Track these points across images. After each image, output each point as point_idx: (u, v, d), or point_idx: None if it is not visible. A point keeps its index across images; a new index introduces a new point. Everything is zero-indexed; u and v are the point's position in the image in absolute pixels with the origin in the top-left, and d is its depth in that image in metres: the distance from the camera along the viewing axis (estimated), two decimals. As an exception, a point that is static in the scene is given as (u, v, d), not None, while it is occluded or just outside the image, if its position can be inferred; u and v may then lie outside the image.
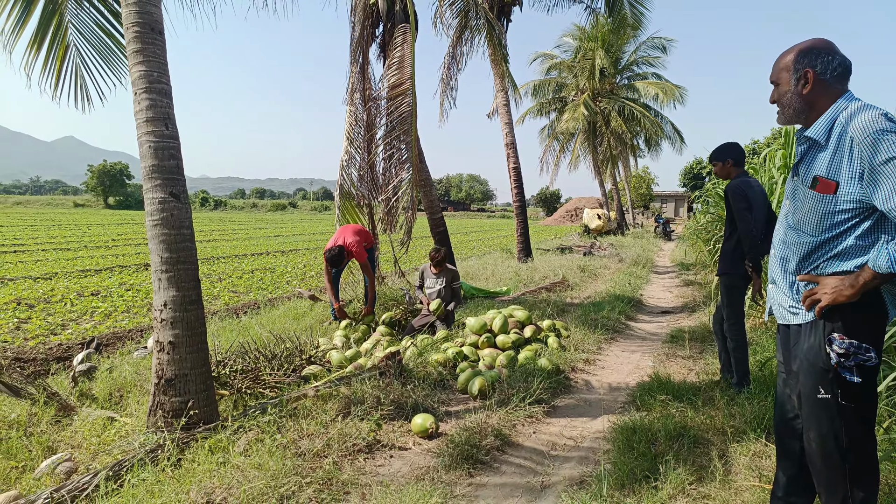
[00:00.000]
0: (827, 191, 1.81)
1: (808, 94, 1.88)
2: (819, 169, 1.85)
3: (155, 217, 3.19)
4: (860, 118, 1.73)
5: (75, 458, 3.13)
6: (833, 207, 1.81)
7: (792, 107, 1.93)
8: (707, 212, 12.82)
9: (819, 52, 1.87)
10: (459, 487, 2.85)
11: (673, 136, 27.20)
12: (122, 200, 77.46)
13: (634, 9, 11.71)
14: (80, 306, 7.96)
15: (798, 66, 1.89)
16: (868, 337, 1.77)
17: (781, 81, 1.95)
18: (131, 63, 3.24)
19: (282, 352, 4.45)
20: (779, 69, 1.96)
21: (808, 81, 1.87)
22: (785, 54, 1.95)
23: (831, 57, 1.87)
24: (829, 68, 1.86)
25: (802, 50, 1.90)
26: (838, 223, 1.81)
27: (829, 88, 1.87)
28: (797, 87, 1.90)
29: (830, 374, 1.80)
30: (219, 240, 23.53)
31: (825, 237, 1.84)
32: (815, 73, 1.86)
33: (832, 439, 1.83)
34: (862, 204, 1.76)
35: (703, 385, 4.22)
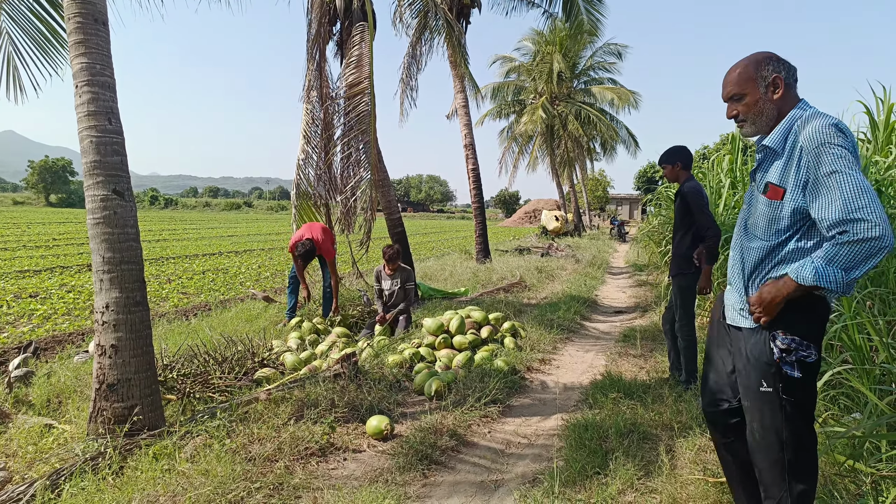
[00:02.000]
0: (775, 197, 1.86)
1: (778, 100, 1.89)
2: (772, 176, 1.88)
3: (97, 215, 3.06)
4: (811, 127, 1.76)
5: (10, 467, 2.97)
6: (779, 213, 1.85)
7: (765, 114, 1.91)
8: (659, 214, 13.22)
9: (779, 59, 1.90)
10: (414, 488, 2.84)
11: (628, 141, 27.94)
12: (65, 198, 73.96)
13: (591, 15, 11.96)
14: (18, 308, 7.56)
15: (765, 73, 1.89)
16: (808, 335, 1.83)
17: (747, 92, 1.91)
18: (73, 55, 3.10)
19: (233, 355, 4.34)
20: (742, 81, 1.92)
21: (779, 87, 1.88)
22: (739, 67, 1.94)
23: (788, 64, 1.90)
24: (791, 74, 1.90)
25: (765, 58, 1.90)
26: (783, 229, 1.86)
27: (793, 94, 1.90)
28: (767, 93, 1.89)
29: (773, 369, 1.86)
30: (169, 239, 22.76)
31: (773, 242, 1.89)
32: (785, 78, 1.88)
33: (773, 432, 1.89)
34: (803, 212, 1.80)
35: (652, 383, 4.34)
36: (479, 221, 12.62)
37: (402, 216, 8.97)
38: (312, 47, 7.48)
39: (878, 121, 5.26)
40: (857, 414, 2.89)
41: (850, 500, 2.35)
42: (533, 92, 26.98)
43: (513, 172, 28.59)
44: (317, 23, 7.41)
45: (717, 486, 2.61)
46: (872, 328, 2.89)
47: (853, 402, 3.03)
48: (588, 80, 27.84)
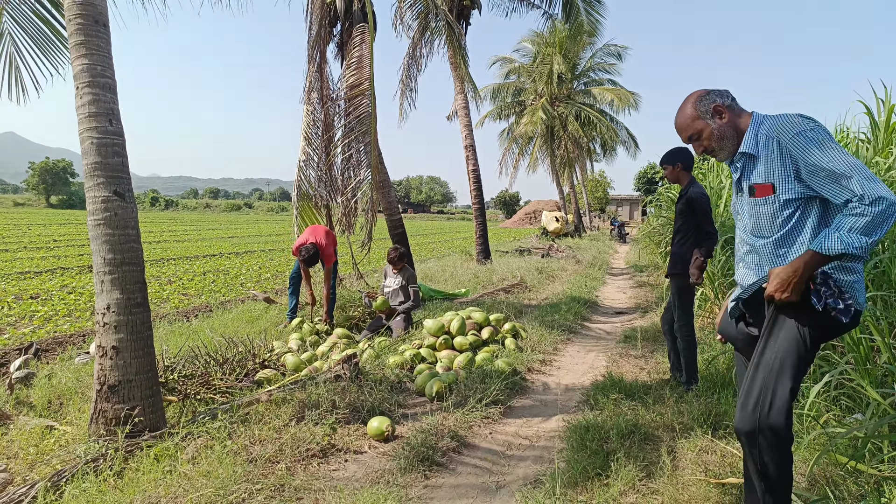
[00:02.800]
0: (765, 193, 1.95)
1: (729, 122, 2.04)
2: (756, 178, 1.99)
3: (98, 216, 3.06)
4: (781, 122, 1.91)
5: (11, 469, 2.97)
6: (776, 207, 1.94)
7: (725, 137, 2.05)
8: (660, 215, 13.22)
9: (709, 92, 2.08)
10: (415, 490, 2.84)
11: (628, 142, 27.97)
12: (66, 199, 74.00)
13: (590, 16, 11.98)
14: (19, 310, 7.56)
15: (704, 108, 2.06)
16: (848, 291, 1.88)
17: (701, 128, 2.08)
18: (74, 56, 3.10)
19: (234, 356, 4.34)
20: (690, 122, 2.09)
21: (723, 113, 2.04)
22: (682, 113, 2.11)
23: (719, 91, 2.08)
24: (726, 99, 2.06)
25: (698, 96, 2.09)
26: (787, 217, 1.94)
27: (738, 111, 2.05)
28: (717, 121, 2.05)
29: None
30: (169, 241, 22.77)
31: (783, 233, 1.96)
32: (724, 104, 2.05)
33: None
34: (800, 197, 1.91)
35: (653, 383, 4.34)
36: (480, 222, 12.62)
37: (402, 217, 8.98)
38: (313, 49, 7.49)
39: (878, 121, 5.26)
40: (860, 415, 2.88)
41: (852, 501, 2.35)
42: (533, 93, 26.99)
43: (513, 173, 28.64)
44: (317, 24, 7.42)
45: (718, 488, 2.61)
46: (875, 328, 2.88)
47: (855, 402, 3.03)
48: (588, 82, 27.88)
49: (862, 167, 1.75)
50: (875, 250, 3.67)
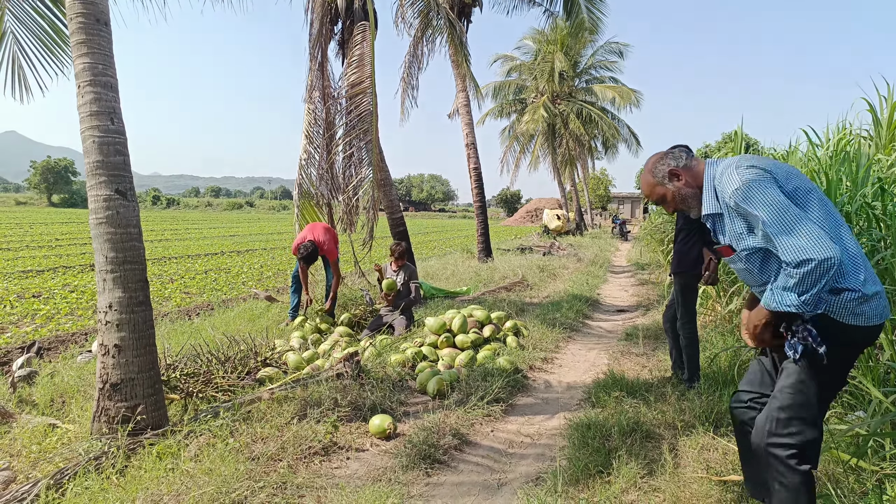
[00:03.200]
0: (728, 253, 1.99)
1: (687, 183, 2.05)
2: (721, 238, 2.02)
3: (99, 215, 3.07)
4: (722, 179, 1.91)
5: (14, 467, 2.97)
6: (746, 262, 1.95)
7: (689, 198, 2.06)
8: (661, 213, 13.20)
9: (664, 156, 2.11)
10: (417, 487, 2.84)
11: (629, 139, 27.91)
12: (68, 198, 74.04)
13: (592, 13, 11.95)
14: (21, 308, 7.58)
15: (660, 174, 2.09)
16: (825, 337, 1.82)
17: (663, 193, 2.11)
18: (75, 55, 3.10)
19: (236, 354, 4.34)
20: (652, 189, 2.13)
21: (679, 175, 2.06)
22: (644, 178, 2.16)
23: (672, 152, 2.10)
24: (679, 158, 2.07)
25: (653, 163, 2.11)
26: (762, 268, 1.93)
27: (694, 168, 2.05)
28: (676, 184, 2.07)
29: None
30: (171, 239, 22.80)
31: (767, 277, 1.93)
32: (677, 166, 2.06)
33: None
34: (763, 247, 1.88)
35: (655, 381, 4.34)
36: (481, 220, 12.61)
37: (403, 215, 8.98)
38: (314, 47, 7.49)
39: (881, 118, 5.25)
40: (861, 412, 2.88)
41: (853, 498, 2.35)
42: (534, 91, 26.94)
43: (514, 171, 28.59)
44: (318, 22, 7.42)
45: (720, 485, 2.61)
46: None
47: (857, 399, 3.02)
48: (589, 79, 27.81)
49: (793, 222, 1.73)
50: (878, 247, 3.66)
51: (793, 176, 1.87)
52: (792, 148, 7.04)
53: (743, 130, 7.58)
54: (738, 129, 7.66)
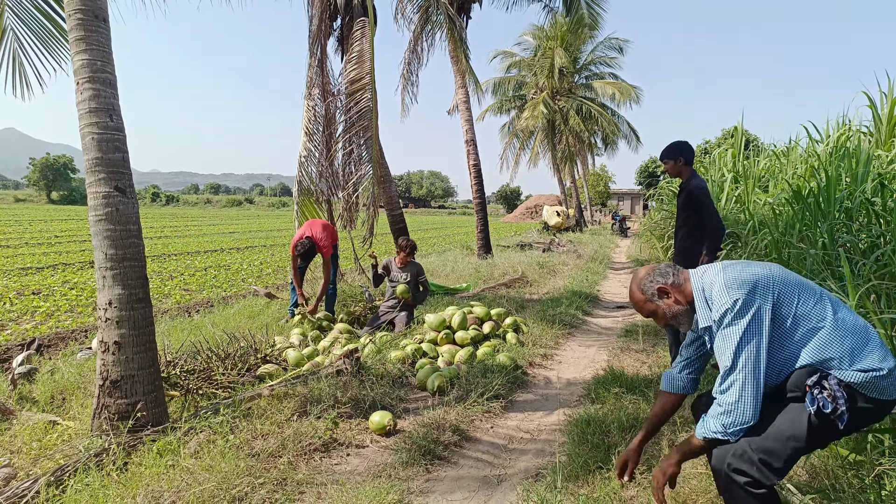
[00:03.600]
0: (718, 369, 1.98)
1: (677, 300, 2.08)
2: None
3: (99, 212, 3.06)
4: (712, 299, 1.96)
5: (14, 463, 2.98)
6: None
7: (681, 314, 2.09)
8: (661, 209, 13.20)
9: (651, 272, 2.14)
10: (417, 483, 2.85)
11: (629, 135, 27.86)
12: (67, 195, 74.04)
13: (591, 9, 11.90)
14: (21, 306, 7.58)
15: (650, 291, 2.12)
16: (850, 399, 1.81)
17: (654, 309, 2.14)
18: (74, 51, 3.09)
19: (236, 351, 4.34)
20: (642, 305, 2.16)
21: (668, 293, 2.09)
22: (633, 294, 2.18)
23: (661, 269, 2.13)
24: (667, 275, 2.10)
25: (641, 280, 2.14)
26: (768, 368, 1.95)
27: (682, 285, 2.08)
28: (666, 302, 2.10)
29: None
30: (170, 236, 22.78)
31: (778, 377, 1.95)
32: (666, 283, 2.09)
33: None
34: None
35: (655, 377, 4.34)
36: (481, 217, 12.61)
37: (403, 212, 8.97)
38: (313, 43, 7.47)
39: (881, 114, 5.24)
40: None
41: (852, 494, 2.35)
42: (534, 87, 26.88)
43: (514, 168, 28.54)
44: (317, 18, 7.40)
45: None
46: (878, 321, 2.88)
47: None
48: (589, 75, 27.72)
49: (745, 377, 1.82)
50: (877, 242, 3.66)
51: (776, 282, 1.90)
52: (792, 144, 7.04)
53: (743, 126, 7.58)
54: (739, 124, 7.66)
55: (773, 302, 1.87)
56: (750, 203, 6.00)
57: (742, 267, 1.98)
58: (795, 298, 1.88)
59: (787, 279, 1.92)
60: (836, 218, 4.13)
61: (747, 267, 1.97)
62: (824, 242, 3.99)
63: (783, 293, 1.89)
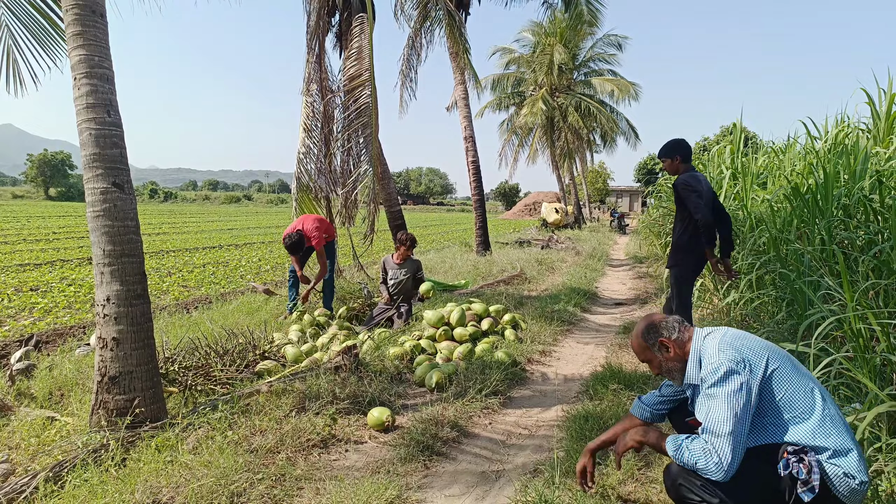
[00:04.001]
0: (697, 424, 2.00)
1: (675, 355, 2.11)
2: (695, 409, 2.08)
3: (97, 208, 3.06)
4: (705, 361, 2.00)
5: (13, 459, 2.99)
6: None
7: (675, 370, 2.13)
8: (660, 206, 13.20)
9: (657, 324, 2.16)
10: (415, 479, 2.86)
11: (628, 132, 27.85)
12: (65, 192, 73.87)
13: (590, 5, 11.90)
14: (18, 302, 7.56)
15: (650, 341, 2.15)
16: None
17: (650, 358, 2.18)
18: (71, 47, 3.08)
19: (234, 347, 4.35)
20: (641, 351, 2.20)
21: (669, 347, 2.12)
22: (635, 337, 2.22)
23: (665, 322, 2.16)
24: (673, 330, 2.14)
25: (645, 328, 2.18)
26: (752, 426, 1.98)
27: (684, 343, 2.12)
28: (665, 356, 2.14)
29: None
30: (169, 233, 22.75)
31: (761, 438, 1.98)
32: (669, 338, 2.12)
33: None
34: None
35: (652, 375, 4.35)
36: (479, 214, 12.60)
37: (401, 209, 8.97)
38: (311, 39, 7.45)
39: (879, 111, 5.24)
40: (858, 404, 2.89)
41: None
42: (533, 83, 26.84)
43: (513, 165, 28.53)
44: (315, 14, 7.38)
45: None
46: (874, 318, 2.88)
47: (854, 391, 3.04)
48: (588, 72, 27.69)
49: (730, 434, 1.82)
50: (875, 239, 3.66)
51: (772, 359, 1.94)
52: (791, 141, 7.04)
53: (742, 123, 7.57)
54: (738, 121, 7.65)
55: (762, 378, 1.90)
56: (748, 200, 6.00)
57: (742, 338, 2.02)
58: (787, 383, 1.91)
59: (783, 360, 1.96)
60: (833, 215, 4.14)
61: (746, 339, 2.01)
62: (822, 239, 4.00)
63: (777, 373, 1.92)
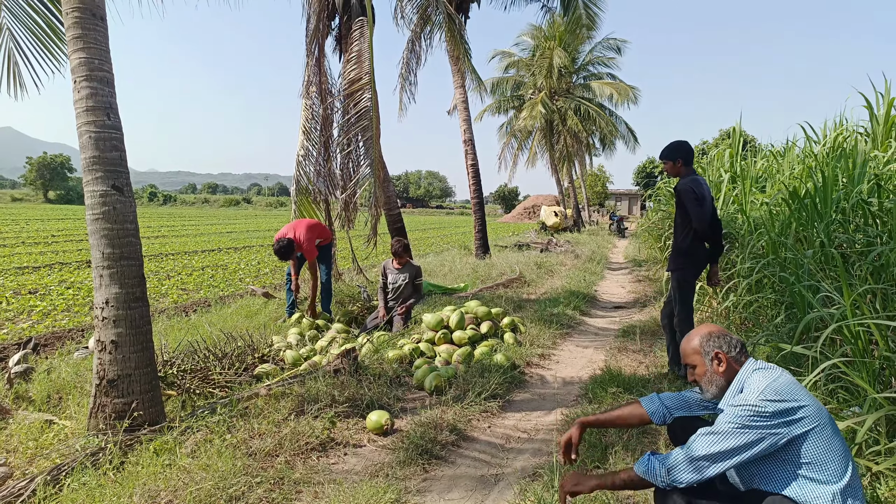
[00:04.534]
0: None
1: (724, 372, 2.03)
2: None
3: (96, 211, 3.06)
4: (740, 397, 1.89)
5: (10, 463, 2.98)
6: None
7: (715, 384, 2.06)
8: (659, 209, 13.21)
9: (720, 335, 2.07)
10: (414, 482, 2.85)
11: (627, 136, 27.87)
12: (64, 195, 73.93)
13: (589, 9, 11.92)
14: (17, 305, 7.55)
15: (708, 348, 2.07)
16: None
17: (697, 363, 2.10)
18: (71, 50, 3.09)
19: (233, 350, 4.35)
20: (691, 353, 2.11)
21: (722, 360, 2.03)
22: (690, 338, 2.13)
23: (729, 337, 2.07)
24: (733, 347, 2.05)
25: (707, 334, 2.09)
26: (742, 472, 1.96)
27: (735, 364, 2.04)
28: (712, 366, 2.05)
29: None
30: (168, 236, 22.74)
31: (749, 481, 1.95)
32: (726, 353, 2.04)
33: None
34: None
35: (652, 377, 4.35)
36: (479, 217, 12.60)
37: (401, 212, 8.97)
38: (311, 42, 7.46)
39: (877, 115, 5.26)
40: (857, 408, 2.89)
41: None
42: (532, 87, 26.89)
43: (512, 168, 28.51)
44: (315, 17, 7.39)
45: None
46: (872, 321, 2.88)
47: (852, 395, 3.04)
48: (587, 76, 27.75)
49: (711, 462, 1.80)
50: (874, 242, 3.67)
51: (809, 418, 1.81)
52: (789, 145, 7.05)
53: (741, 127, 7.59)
54: (737, 125, 7.67)
55: (797, 434, 1.79)
56: (747, 204, 6.01)
57: (791, 389, 1.86)
58: (825, 445, 1.79)
59: (826, 421, 1.84)
60: (832, 218, 4.14)
61: (795, 391, 1.85)
62: (821, 242, 4.00)
63: (815, 433, 1.80)
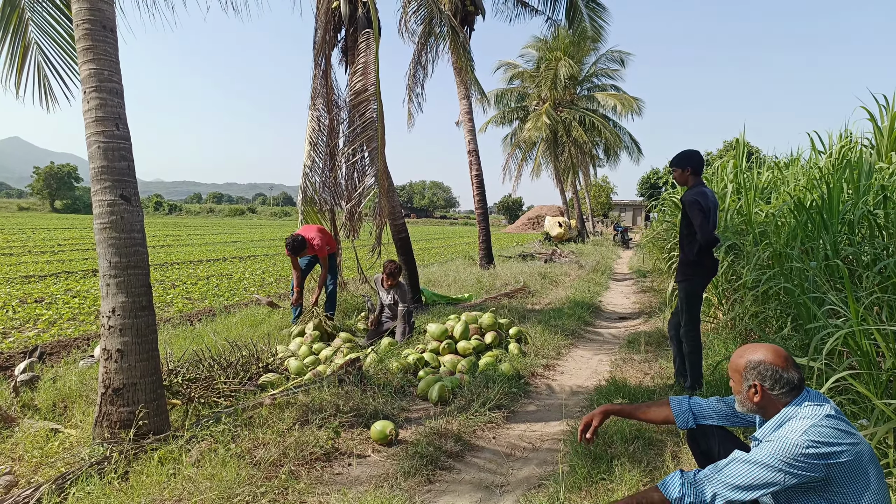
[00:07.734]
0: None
1: (758, 402, 1.91)
2: None
3: (104, 220, 3.08)
4: (786, 428, 1.80)
5: (16, 471, 2.98)
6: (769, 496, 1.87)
7: (745, 406, 1.96)
8: (663, 220, 13.19)
9: (768, 368, 1.88)
10: (419, 493, 2.84)
11: (631, 147, 27.94)
12: (70, 204, 74.46)
13: (594, 22, 12.00)
14: (23, 314, 7.59)
15: (749, 375, 1.92)
16: None
17: (737, 381, 1.98)
18: (81, 61, 3.14)
19: (237, 359, 4.35)
20: (733, 371, 1.99)
21: (757, 392, 1.90)
22: (740, 355, 1.97)
23: (781, 374, 1.87)
24: (778, 385, 1.87)
25: (753, 361, 1.92)
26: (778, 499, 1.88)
27: (777, 401, 1.90)
28: (747, 392, 1.93)
29: None
30: (173, 245, 22.83)
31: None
32: (764, 387, 1.89)
33: None
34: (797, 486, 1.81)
35: (657, 388, 4.33)
36: (483, 227, 12.62)
37: (405, 222, 8.98)
38: (318, 54, 7.53)
39: (881, 127, 5.26)
40: (864, 420, 2.87)
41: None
42: (536, 98, 27.03)
43: (516, 178, 28.60)
44: (322, 29, 7.46)
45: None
46: (879, 334, 2.87)
47: (860, 408, 3.01)
48: (591, 87, 27.90)
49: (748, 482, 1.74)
50: (880, 255, 3.66)
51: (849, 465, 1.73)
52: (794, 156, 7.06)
53: (745, 138, 7.60)
54: (741, 136, 7.68)
55: (828, 472, 1.72)
56: (752, 214, 6.00)
57: (836, 433, 1.74)
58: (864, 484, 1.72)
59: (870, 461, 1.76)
60: (838, 230, 4.13)
61: (841, 435, 1.74)
62: (826, 254, 3.99)
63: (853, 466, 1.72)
